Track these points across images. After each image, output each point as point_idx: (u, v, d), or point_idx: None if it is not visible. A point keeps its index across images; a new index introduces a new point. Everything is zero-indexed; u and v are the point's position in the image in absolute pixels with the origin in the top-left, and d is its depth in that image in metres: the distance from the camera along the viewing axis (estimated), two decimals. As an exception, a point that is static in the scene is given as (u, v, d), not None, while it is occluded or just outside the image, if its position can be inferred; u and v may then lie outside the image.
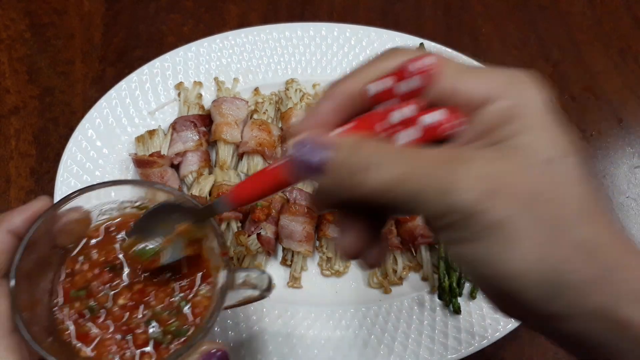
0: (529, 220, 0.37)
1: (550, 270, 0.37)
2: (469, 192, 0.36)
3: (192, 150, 1.01)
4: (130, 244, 0.62)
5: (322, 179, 0.42)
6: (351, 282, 0.96)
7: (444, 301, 0.91)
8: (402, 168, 0.38)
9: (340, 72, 1.15)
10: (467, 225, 0.37)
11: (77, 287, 0.62)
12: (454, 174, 0.37)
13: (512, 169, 0.37)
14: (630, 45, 1.33)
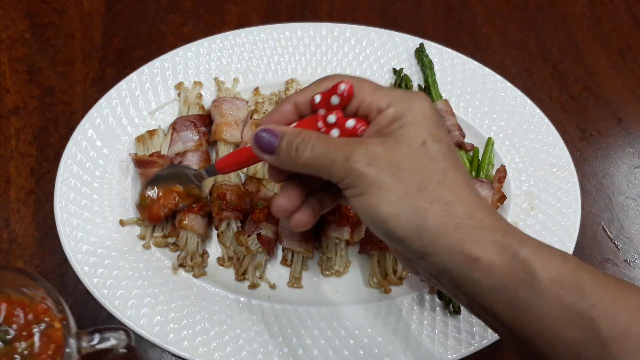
0: (397, 181, 0.55)
1: (411, 215, 0.54)
2: (358, 162, 0.56)
3: (192, 150, 1.01)
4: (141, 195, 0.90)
5: (273, 157, 0.63)
6: (351, 282, 0.96)
7: (444, 301, 0.91)
8: (322, 148, 0.59)
9: (340, 72, 1.15)
10: (358, 183, 0.56)
11: None
12: (352, 151, 0.57)
13: (390, 149, 0.56)
14: (630, 45, 1.33)
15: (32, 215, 1.01)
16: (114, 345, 0.68)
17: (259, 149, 0.63)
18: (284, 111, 0.66)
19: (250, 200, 1.00)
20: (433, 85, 1.12)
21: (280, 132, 0.62)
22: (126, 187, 1.00)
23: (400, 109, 0.58)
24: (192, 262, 0.94)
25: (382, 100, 0.59)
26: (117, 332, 0.68)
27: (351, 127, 0.61)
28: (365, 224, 0.59)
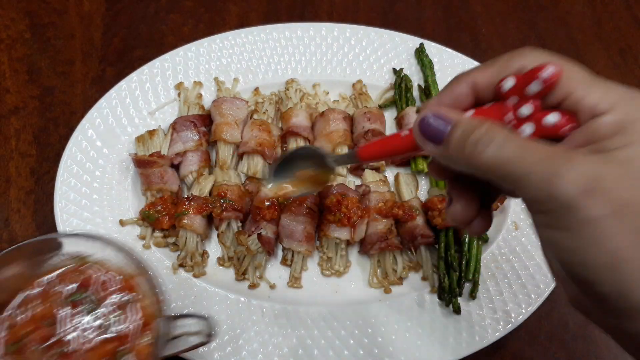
0: (619, 224, 0.40)
1: (627, 272, 0.41)
2: (570, 187, 0.41)
3: (192, 150, 1.01)
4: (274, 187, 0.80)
5: (441, 149, 0.49)
6: (351, 282, 0.96)
7: (444, 301, 0.91)
8: (516, 151, 0.43)
9: (340, 72, 1.15)
10: (563, 215, 0.41)
11: (11, 342, 0.61)
12: (560, 167, 0.41)
13: (614, 176, 0.41)
14: (630, 45, 1.33)
15: (32, 215, 1.01)
16: (197, 331, 0.68)
17: (423, 136, 0.50)
18: (458, 93, 0.51)
19: (250, 200, 1.00)
20: (433, 85, 1.12)
21: (453, 118, 0.48)
22: (126, 187, 1.00)
23: (628, 117, 0.43)
24: (192, 261, 0.94)
25: (601, 99, 0.44)
26: (203, 320, 0.68)
27: (552, 125, 0.46)
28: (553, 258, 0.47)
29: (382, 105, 1.13)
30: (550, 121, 0.46)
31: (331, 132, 1.04)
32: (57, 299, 0.64)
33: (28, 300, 0.64)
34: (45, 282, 0.66)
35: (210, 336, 0.69)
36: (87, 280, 0.66)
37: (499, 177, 0.45)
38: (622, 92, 0.44)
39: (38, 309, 0.64)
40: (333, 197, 0.96)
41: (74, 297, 0.64)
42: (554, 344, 0.94)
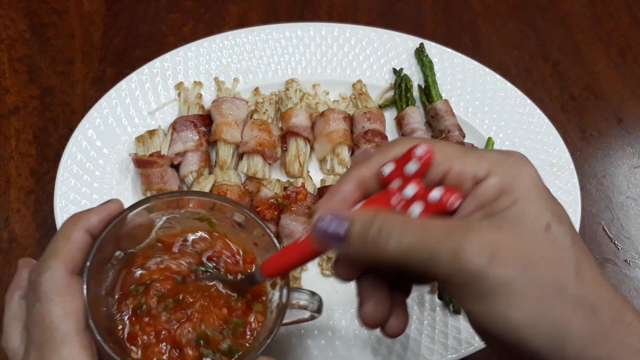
0: (530, 280, 0.42)
1: (552, 323, 0.42)
2: (475, 259, 0.42)
3: (192, 150, 1.01)
4: None
5: (344, 247, 0.49)
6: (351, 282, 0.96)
7: (444, 301, 0.91)
8: (416, 235, 0.45)
9: (340, 72, 1.15)
10: (475, 285, 0.43)
11: (137, 283, 0.63)
12: (462, 241, 0.43)
13: (511, 236, 0.43)
14: (630, 45, 1.33)
15: (32, 215, 1.02)
16: (307, 305, 0.69)
17: (323, 238, 0.50)
18: (345, 192, 0.52)
19: (250, 200, 1.00)
20: (433, 85, 1.12)
21: (347, 215, 0.49)
22: (126, 187, 1.00)
23: (506, 178, 0.46)
24: (192, 262, 0.94)
25: (478, 166, 0.47)
26: (313, 295, 0.70)
27: (438, 199, 0.47)
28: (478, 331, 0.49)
29: (382, 105, 1.13)
30: (436, 196, 0.47)
31: (331, 132, 1.04)
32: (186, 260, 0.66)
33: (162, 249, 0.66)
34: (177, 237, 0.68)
35: (319, 312, 0.71)
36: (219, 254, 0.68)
37: (407, 265, 0.45)
38: (494, 156, 0.47)
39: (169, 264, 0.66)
40: None
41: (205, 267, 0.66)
42: (554, 344, 0.94)
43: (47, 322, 0.50)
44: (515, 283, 0.42)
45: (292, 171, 1.04)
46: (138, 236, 0.65)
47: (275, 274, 0.59)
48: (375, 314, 0.53)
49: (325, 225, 0.49)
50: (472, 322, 0.48)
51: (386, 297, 0.53)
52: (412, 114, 1.08)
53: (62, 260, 0.53)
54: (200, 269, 0.66)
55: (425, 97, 1.12)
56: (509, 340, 0.44)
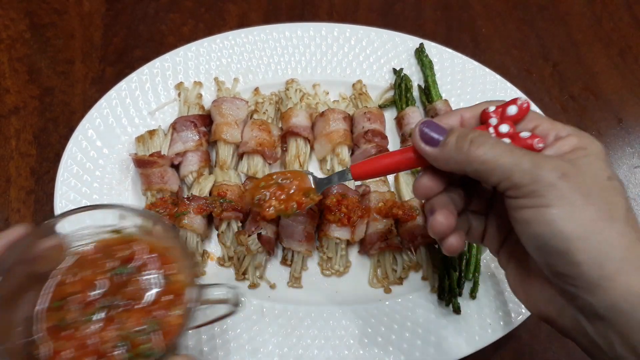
0: (589, 202, 0.52)
1: (598, 242, 0.51)
2: (550, 172, 0.53)
3: (192, 150, 1.01)
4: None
5: (438, 151, 0.60)
6: (351, 282, 0.96)
7: (444, 301, 0.91)
8: (504, 148, 0.56)
9: (340, 72, 1.15)
10: (545, 194, 0.53)
11: (55, 300, 0.63)
12: (541, 160, 0.54)
13: (579, 172, 0.54)
14: (630, 46, 1.33)
15: (32, 215, 1.02)
16: (226, 299, 0.70)
17: (422, 139, 0.61)
18: (449, 123, 0.63)
19: (250, 200, 1.00)
20: (433, 85, 1.12)
21: (448, 127, 0.61)
22: (126, 187, 1.00)
23: (583, 141, 0.57)
24: (192, 262, 0.94)
25: (562, 129, 0.59)
26: (231, 289, 0.71)
27: (526, 138, 0.58)
28: (529, 238, 0.55)
29: (382, 105, 1.13)
30: (525, 135, 0.59)
31: (331, 132, 1.04)
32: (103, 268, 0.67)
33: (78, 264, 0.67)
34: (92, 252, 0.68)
35: (237, 305, 0.72)
36: (131, 255, 0.68)
37: (490, 169, 0.56)
38: (574, 128, 0.60)
39: (86, 274, 0.66)
40: (333, 197, 0.96)
41: (119, 270, 0.67)
42: (554, 344, 0.94)
43: None
44: (577, 201, 0.52)
45: (292, 171, 1.04)
46: (53, 257, 0.66)
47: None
48: (444, 223, 0.62)
49: (428, 129, 0.60)
50: (527, 231, 0.55)
51: (454, 214, 0.63)
52: (412, 114, 1.08)
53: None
54: (119, 271, 0.67)
55: (425, 97, 1.12)
56: (557, 248, 0.52)
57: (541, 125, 0.60)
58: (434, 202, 0.64)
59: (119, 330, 0.62)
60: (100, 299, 0.65)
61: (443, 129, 0.60)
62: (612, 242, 0.51)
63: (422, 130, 0.61)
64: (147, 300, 0.65)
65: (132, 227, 0.69)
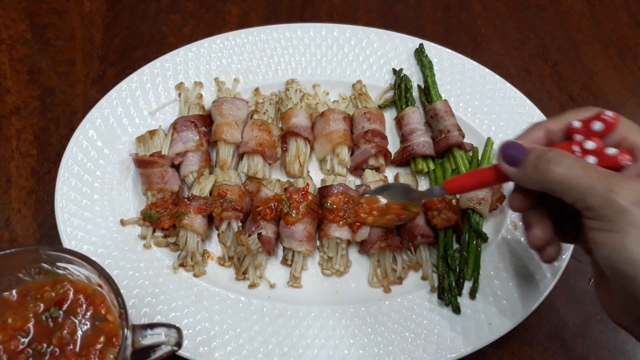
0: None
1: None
2: (624, 198, 0.53)
3: (193, 150, 1.02)
4: None
5: (519, 171, 0.62)
6: (351, 281, 0.96)
7: (444, 301, 0.91)
8: (581, 169, 0.56)
9: (340, 73, 1.15)
10: (616, 220, 0.53)
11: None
12: (617, 184, 0.54)
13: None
14: (629, 46, 1.33)
15: (33, 216, 1.02)
16: (164, 341, 0.69)
17: (504, 159, 0.64)
18: (534, 137, 0.65)
19: (250, 200, 1.00)
20: (433, 86, 1.12)
21: (528, 146, 0.62)
22: (127, 187, 1.00)
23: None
24: (192, 261, 0.94)
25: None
26: (170, 328, 0.70)
27: (612, 155, 0.59)
28: (600, 258, 0.56)
29: (382, 106, 1.13)
30: (612, 152, 0.59)
31: (331, 132, 1.05)
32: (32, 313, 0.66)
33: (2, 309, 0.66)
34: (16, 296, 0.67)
35: (180, 345, 0.71)
36: (62, 298, 0.67)
37: (565, 191, 0.57)
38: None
39: (13, 320, 0.65)
40: (334, 197, 0.96)
41: (50, 313, 0.66)
42: (553, 344, 0.94)
43: None
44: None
45: (292, 171, 1.05)
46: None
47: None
48: (540, 237, 0.65)
49: (509, 149, 0.63)
50: (598, 251, 0.55)
51: (549, 227, 0.65)
52: (411, 114, 1.09)
53: None
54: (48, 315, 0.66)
55: (425, 98, 1.13)
56: (626, 273, 0.53)
57: (629, 138, 0.60)
58: (530, 216, 0.67)
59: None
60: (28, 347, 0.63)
61: (524, 148, 0.62)
62: None
63: (504, 150, 0.64)
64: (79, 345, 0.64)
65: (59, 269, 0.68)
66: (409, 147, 1.05)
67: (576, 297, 0.98)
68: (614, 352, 0.94)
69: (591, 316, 0.97)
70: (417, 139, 1.05)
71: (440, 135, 1.07)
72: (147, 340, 0.67)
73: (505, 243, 0.97)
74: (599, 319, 0.96)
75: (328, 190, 0.97)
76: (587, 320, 0.96)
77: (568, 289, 0.99)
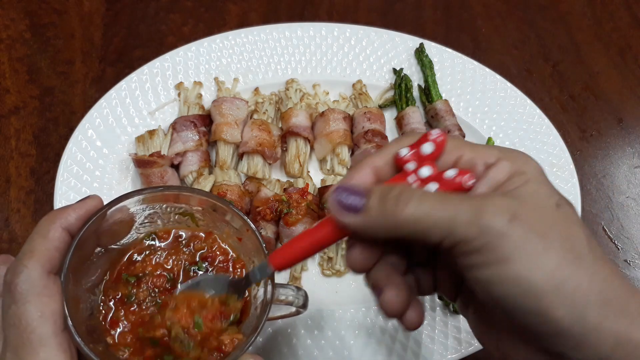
0: (549, 245, 0.43)
1: (573, 291, 0.42)
2: (497, 218, 0.43)
3: (192, 150, 1.01)
4: None
5: (361, 219, 0.48)
6: (351, 282, 0.96)
7: (444, 301, 0.91)
8: (436, 201, 0.46)
9: (340, 72, 1.15)
10: (497, 246, 0.43)
11: (131, 273, 0.63)
12: (482, 205, 0.44)
13: (527, 207, 0.45)
14: (630, 45, 1.33)
15: (32, 215, 1.01)
16: (292, 301, 0.70)
17: (341, 208, 0.49)
18: (360, 177, 0.53)
19: (250, 200, 1.00)
20: (433, 85, 1.12)
21: (364, 189, 0.49)
22: (126, 187, 1.00)
23: (516, 162, 0.48)
24: (192, 262, 0.94)
25: (488, 154, 0.49)
26: (299, 290, 0.71)
27: (453, 177, 0.49)
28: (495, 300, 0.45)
29: (382, 105, 1.13)
30: (451, 174, 0.49)
31: (331, 132, 1.04)
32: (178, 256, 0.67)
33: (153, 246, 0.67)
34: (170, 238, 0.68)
35: (305, 307, 0.72)
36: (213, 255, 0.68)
37: (425, 230, 0.45)
38: (501, 148, 0.51)
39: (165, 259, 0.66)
40: None
41: (198, 266, 0.66)
42: (554, 344, 0.94)
43: (23, 324, 0.49)
44: (536, 246, 0.43)
45: (292, 171, 1.04)
46: (119, 232, 0.65)
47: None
48: (397, 300, 0.51)
49: (344, 196, 0.49)
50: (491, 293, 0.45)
51: (403, 286, 0.52)
52: (412, 114, 1.08)
53: (39, 259, 0.52)
54: (193, 268, 0.66)
55: (425, 97, 1.12)
56: (531, 307, 0.43)
57: (464, 156, 0.50)
58: (376, 277, 0.53)
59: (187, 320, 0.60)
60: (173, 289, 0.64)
61: (361, 191, 0.49)
62: (585, 287, 0.43)
63: (338, 198, 0.49)
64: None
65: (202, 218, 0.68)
66: (409, 147, 1.05)
67: (577, 297, 0.98)
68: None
69: (592, 317, 0.96)
70: (418, 139, 1.05)
71: (441, 135, 1.06)
72: (282, 297, 0.68)
73: (506, 243, 0.97)
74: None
75: (328, 190, 0.97)
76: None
77: (569, 289, 0.98)
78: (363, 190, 0.49)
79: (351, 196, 0.49)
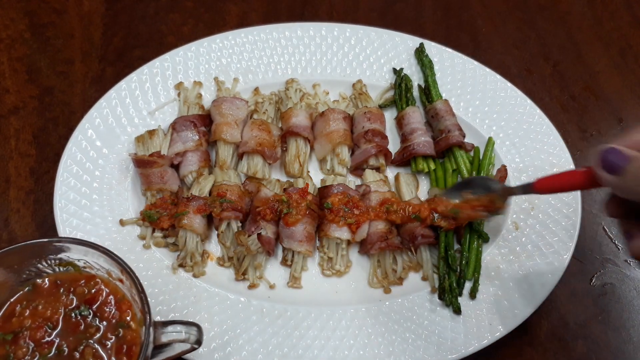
0: None
1: None
2: None
3: (192, 150, 1.01)
4: None
5: (618, 180, 0.56)
6: (351, 282, 0.96)
7: (444, 301, 0.91)
8: None
9: (340, 72, 1.15)
10: None
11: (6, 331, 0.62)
12: None
13: None
14: (630, 45, 1.33)
15: (32, 215, 1.01)
16: (184, 339, 0.68)
17: (602, 167, 0.58)
18: (636, 140, 0.59)
19: (250, 200, 0.99)
20: (433, 85, 1.12)
21: (629, 154, 0.56)
22: (126, 187, 0.99)
23: None
24: (191, 262, 0.93)
25: None
26: (190, 326, 0.69)
27: None
28: None
29: (382, 105, 1.13)
30: None
31: (331, 131, 1.04)
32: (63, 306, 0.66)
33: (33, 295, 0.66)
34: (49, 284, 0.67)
35: (200, 343, 0.70)
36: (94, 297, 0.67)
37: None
38: None
39: (43, 307, 0.65)
40: (334, 197, 0.96)
41: (80, 311, 0.66)
42: (554, 344, 0.94)
43: None
44: None
45: (292, 171, 1.04)
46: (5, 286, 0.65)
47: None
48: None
49: (608, 155, 0.57)
50: None
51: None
52: (412, 113, 1.08)
53: None
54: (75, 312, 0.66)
55: (425, 97, 1.12)
56: None
57: None
58: (629, 224, 0.63)
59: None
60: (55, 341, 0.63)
61: (625, 155, 0.56)
62: None
63: (603, 156, 0.58)
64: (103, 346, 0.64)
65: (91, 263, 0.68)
66: (409, 146, 1.05)
67: (577, 297, 0.98)
68: (614, 353, 0.93)
69: (592, 316, 0.96)
70: (418, 139, 1.05)
71: (441, 135, 1.06)
72: (167, 337, 0.67)
73: (506, 243, 0.97)
74: (600, 319, 0.96)
75: (328, 191, 0.97)
76: (588, 321, 0.96)
77: (569, 289, 0.98)
78: (626, 155, 0.56)
79: (613, 157, 0.56)
